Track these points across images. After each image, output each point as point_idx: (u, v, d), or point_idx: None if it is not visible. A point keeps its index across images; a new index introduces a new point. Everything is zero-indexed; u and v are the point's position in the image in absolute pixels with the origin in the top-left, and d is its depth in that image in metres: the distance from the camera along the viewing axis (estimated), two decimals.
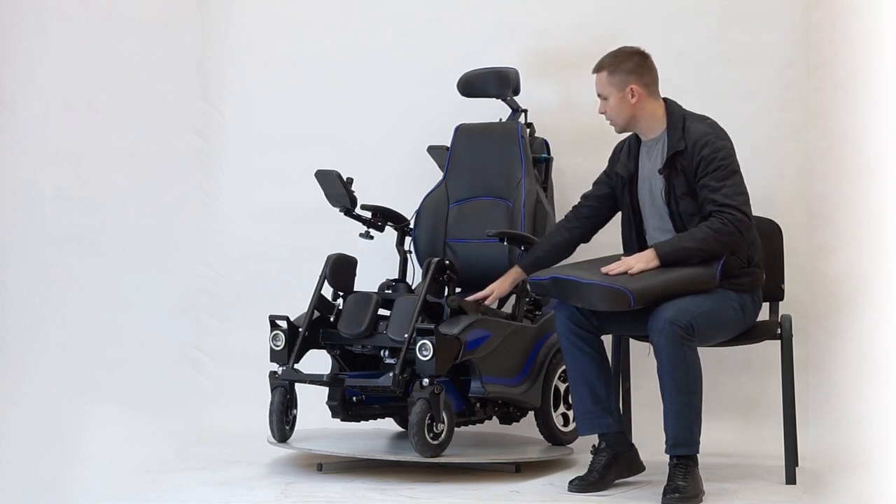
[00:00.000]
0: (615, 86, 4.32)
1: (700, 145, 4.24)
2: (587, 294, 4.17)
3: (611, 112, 4.36)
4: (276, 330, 4.56)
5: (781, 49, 5.15)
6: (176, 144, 5.52)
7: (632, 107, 4.32)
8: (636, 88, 4.31)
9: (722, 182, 4.21)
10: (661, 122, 4.35)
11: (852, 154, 4.76)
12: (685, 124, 4.30)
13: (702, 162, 4.23)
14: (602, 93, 4.36)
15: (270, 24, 5.52)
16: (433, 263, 4.47)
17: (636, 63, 4.33)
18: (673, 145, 4.28)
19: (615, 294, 4.12)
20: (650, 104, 4.34)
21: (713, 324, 4.21)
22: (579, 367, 4.31)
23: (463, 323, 4.42)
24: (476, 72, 5.06)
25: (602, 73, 4.35)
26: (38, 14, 5.31)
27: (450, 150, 5.03)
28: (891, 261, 4.27)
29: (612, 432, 4.31)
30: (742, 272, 4.28)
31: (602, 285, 4.15)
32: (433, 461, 4.37)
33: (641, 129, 4.38)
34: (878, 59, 4.48)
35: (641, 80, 4.32)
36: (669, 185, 4.28)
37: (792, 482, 4.41)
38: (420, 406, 4.29)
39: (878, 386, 4.29)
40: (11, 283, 5.27)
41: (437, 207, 4.97)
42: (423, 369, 4.31)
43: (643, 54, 4.37)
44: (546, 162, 5.03)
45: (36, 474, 4.87)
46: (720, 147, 4.25)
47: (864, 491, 4.11)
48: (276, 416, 4.50)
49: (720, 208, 4.19)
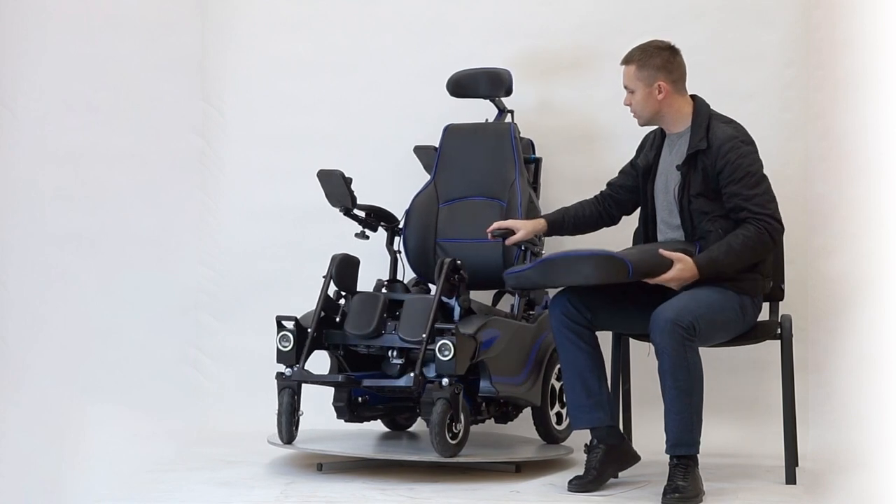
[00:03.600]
0: (643, 80, 4.32)
1: (726, 149, 4.24)
2: (581, 266, 4.14)
3: (636, 105, 4.36)
4: (283, 331, 4.54)
5: (781, 49, 5.15)
6: (176, 144, 5.52)
7: (658, 102, 4.33)
8: (664, 85, 4.31)
9: (753, 190, 4.21)
10: (686, 118, 4.35)
11: (852, 154, 4.76)
12: (710, 124, 4.30)
13: (727, 166, 4.22)
14: (629, 86, 4.36)
15: (270, 24, 5.52)
16: (446, 264, 4.47)
17: (665, 59, 4.33)
18: (695, 144, 4.28)
19: (614, 262, 4.10)
20: (676, 100, 4.34)
21: (714, 324, 4.21)
22: (573, 360, 4.31)
23: (477, 323, 4.44)
24: (467, 72, 5.06)
25: (631, 67, 4.35)
26: (38, 14, 5.31)
27: (438, 150, 5.03)
28: (891, 261, 4.26)
29: (604, 426, 4.31)
30: (745, 276, 4.28)
31: (599, 254, 4.15)
32: (433, 461, 4.37)
33: (666, 123, 4.38)
34: (878, 59, 4.48)
35: (670, 76, 4.32)
36: (685, 182, 4.28)
37: (792, 482, 4.42)
38: (441, 406, 4.29)
39: (878, 386, 4.29)
40: (11, 283, 5.27)
41: (426, 207, 4.97)
42: (443, 369, 4.31)
43: (673, 49, 4.36)
44: (536, 162, 5.04)
45: (36, 474, 4.87)
46: (747, 153, 4.25)
47: (864, 491, 4.11)
48: (286, 417, 4.48)
49: (756, 217, 4.19)
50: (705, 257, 4.19)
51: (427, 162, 5.11)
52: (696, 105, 4.37)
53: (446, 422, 4.30)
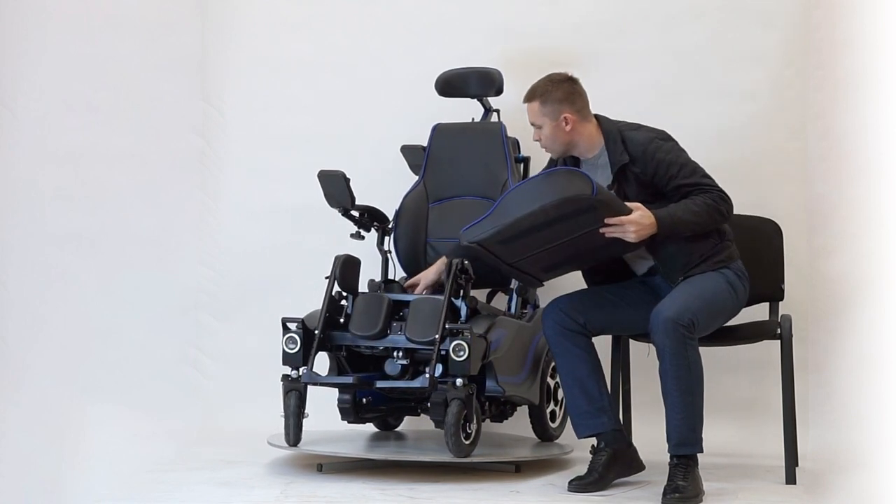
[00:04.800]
0: (548, 115, 4.32)
1: (651, 151, 4.26)
2: (542, 186, 4.09)
3: (546, 140, 4.36)
4: (289, 333, 4.52)
5: (781, 49, 5.15)
6: (176, 144, 5.52)
7: (567, 134, 4.33)
8: (569, 116, 4.31)
9: (693, 177, 4.25)
10: (598, 140, 4.36)
11: (852, 154, 4.76)
12: (623, 136, 4.31)
13: (659, 167, 4.24)
14: (535, 122, 4.36)
15: (270, 24, 5.52)
16: (454, 265, 4.47)
17: (566, 91, 4.33)
18: (616, 159, 4.29)
19: (576, 176, 4.07)
20: (584, 127, 4.34)
21: (712, 312, 4.22)
22: (570, 367, 4.32)
23: (486, 323, 4.44)
24: (456, 71, 5.05)
25: (534, 104, 4.35)
26: (38, 14, 5.31)
27: (427, 150, 5.02)
28: (891, 261, 4.26)
29: (609, 431, 4.31)
30: (717, 248, 4.28)
31: (557, 169, 4.17)
32: (433, 461, 4.37)
33: (580, 151, 4.38)
34: (878, 59, 4.48)
35: (573, 106, 4.32)
36: (620, 198, 4.26)
37: (792, 482, 4.42)
38: (456, 406, 4.29)
39: (878, 386, 4.29)
40: (11, 283, 5.27)
41: (416, 207, 4.97)
42: (458, 370, 4.30)
43: (572, 80, 4.37)
44: (524, 161, 5.04)
45: (36, 474, 4.87)
46: (669, 148, 4.29)
47: (864, 491, 4.11)
48: (294, 420, 4.46)
49: (708, 189, 4.23)
50: (664, 210, 4.20)
51: (414, 162, 5.11)
52: (602, 125, 4.37)
53: (461, 422, 4.30)
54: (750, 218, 4.72)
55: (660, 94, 5.17)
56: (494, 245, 4.23)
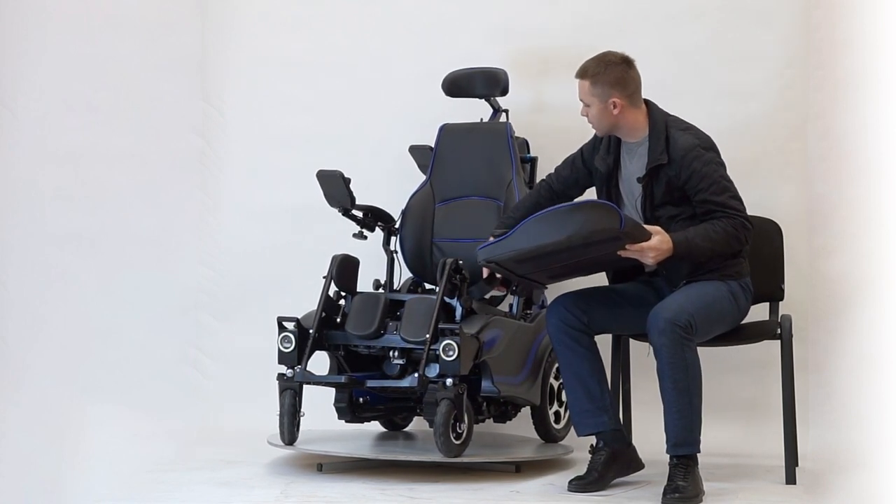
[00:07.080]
0: (597, 96, 4.28)
1: (689, 159, 4.22)
2: (572, 216, 4.06)
3: (592, 119, 4.34)
4: (284, 332, 4.54)
5: (781, 49, 5.15)
6: (176, 144, 5.52)
7: (614, 117, 4.30)
8: (618, 101, 4.27)
9: (722, 196, 4.21)
10: (643, 128, 4.33)
11: (852, 154, 4.76)
12: (668, 134, 4.27)
13: (693, 176, 4.21)
14: (584, 100, 4.33)
15: (270, 24, 5.52)
16: (448, 264, 4.47)
17: (618, 75, 4.27)
18: (655, 157, 4.26)
19: (607, 210, 4.07)
20: (632, 113, 4.31)
21: (711, 317, 4.22)
22: (573, 366, 4.31)
23: (480, 323, 4.44)
24: (463, 71, 5.05)
25: (585, 82, 4.31)
26: (38, 14, 5.31)
27: (434, 150, 5.03)
28: (891, 261, 4.26)
29: (609, 430, 4.31)
30: (727, 263, 4.27)
31: (589, 201, 4.15)
32: (433, 461, 4.37)
33: (623, 134, 4.35)
34: (878, 59, 4.48)
35: (624, 91, 4.27)
36: (647, 193, 4.26)
37: (792, 482, 4.42)
38: (445, 406, 4.29)
39: (878, 386, 4.29)
40: (11, 283, 5.27)
41: (423, 207, 4.97)
42: (447, 369, 4.31)
43: (627, 62, 4.31)
44: (532, 162, 5.04)
45: (36, 474, 4.87)
46: (709, 160, 4.23)
47: (864, 491, 4.11)
48: (288, 418, 4.48)
49: (732, 213, 4.19)
50: (681, 235, 4.18)
51: (422, 162, 5.11)
52: (651, 113, 4.33)
53: (450, 422, 4.30)
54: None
55: (660, 94, 5.15)
56: (509, 263, 4.23)
